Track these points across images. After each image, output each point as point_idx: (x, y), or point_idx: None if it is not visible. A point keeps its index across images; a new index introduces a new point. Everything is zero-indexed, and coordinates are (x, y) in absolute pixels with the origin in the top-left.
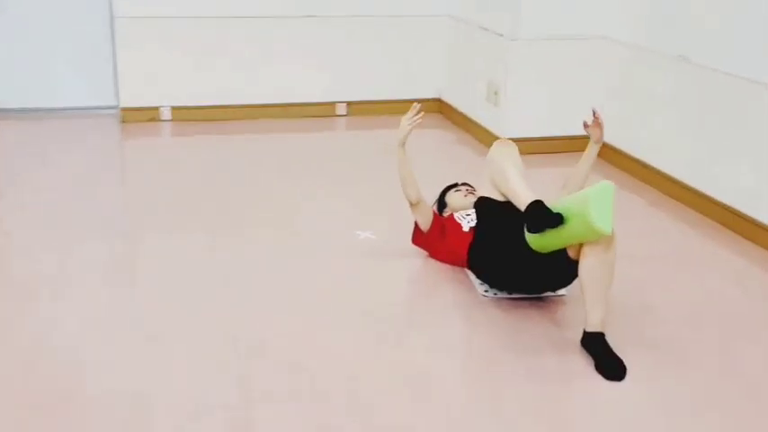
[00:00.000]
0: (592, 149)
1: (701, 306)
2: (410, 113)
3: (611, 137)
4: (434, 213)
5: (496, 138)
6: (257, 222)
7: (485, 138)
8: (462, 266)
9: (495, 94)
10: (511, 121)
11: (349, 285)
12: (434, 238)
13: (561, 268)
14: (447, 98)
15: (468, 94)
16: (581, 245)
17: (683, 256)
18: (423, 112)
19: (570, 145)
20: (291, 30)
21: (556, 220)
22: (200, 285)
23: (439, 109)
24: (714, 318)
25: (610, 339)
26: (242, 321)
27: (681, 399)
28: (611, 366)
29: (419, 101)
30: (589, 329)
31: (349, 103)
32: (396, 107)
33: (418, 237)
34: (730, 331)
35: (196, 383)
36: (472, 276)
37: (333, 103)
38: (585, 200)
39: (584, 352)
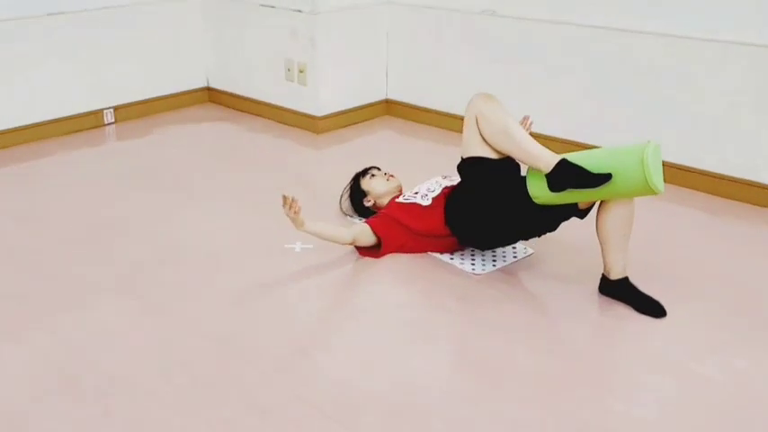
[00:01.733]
0: None
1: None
2: (285, 206)
3: (421, 99)
4: (370, 223)
5: (308, 117)
6: (161, 270)
7: (291, 119)
8: (427, 250)
9: (301, 72)
10: (323, 97)
11: (338, 301)
12: (392, 236)
13: (559, 215)
14: (220, 85)
15: (256, 76)
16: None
17: None
18: (295, 201)
19: (385, 109)
20: (32, 32)
21: (602, 179)
22: (155, 371)
23: (210, 98)
24: (658, 242)
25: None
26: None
27: (715, 311)
28: (653, 305)
29: (188, 92)
30: (615, 277)
31: (116, 108)
32: (167, 103)
33: (373, 252)
34: (683, 250)
35: None
36: (446, 258)
37: (97, 112)
38: (640, 160)
39: (609, 299)
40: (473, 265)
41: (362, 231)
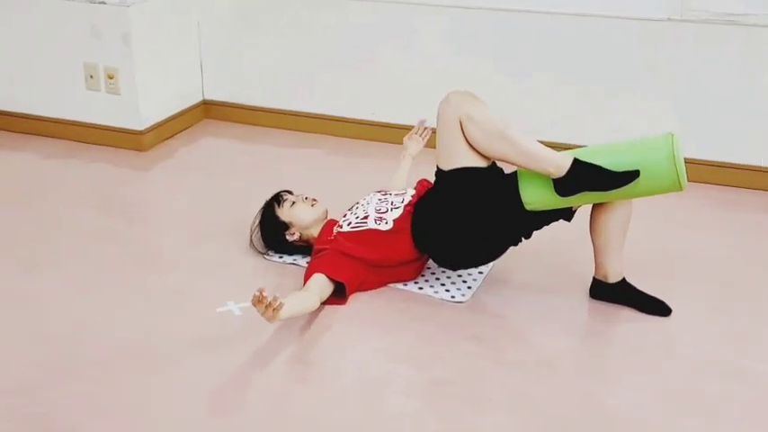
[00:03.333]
0: (406, 162)
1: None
2: (261, 306)
3: (245, 97)
4: (322, 270)
5: (128, 133)
6: (79, 386)
7: (104, 138)
8: (388, 282)
9: (111, 78)
10: (145, 106)
11: (336, 377)
12: (352, 277)
13: (546, 220)
14: None
15: (41, 87)
16: None
17: None
18: (275, 298)
19: (204, 112)
20: None
21: (627, 178)
22: None
23: None
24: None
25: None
26: None
27: (715, 299)
28: (657, 304)
29: None
30: (614, 279)
31: None
32: None
33: (335, 300)
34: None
35: None
36: (413, 288)
37: None
38: (669, 155)
39: (604, 302)
40: (448, 291)
41: (323, 285)
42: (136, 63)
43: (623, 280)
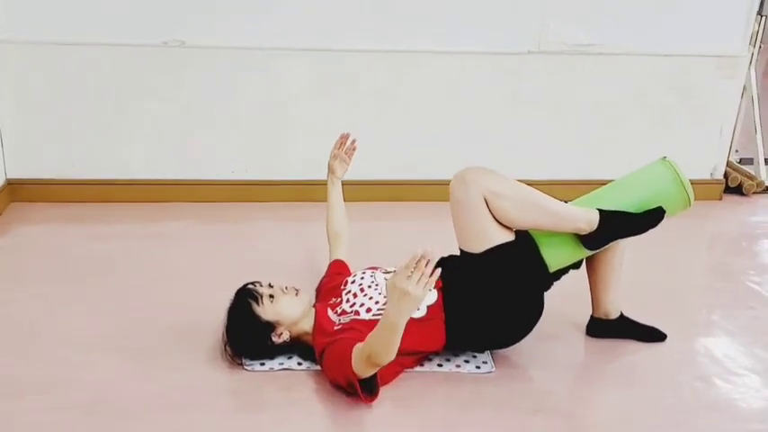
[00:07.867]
0: (337, 190)
1: None
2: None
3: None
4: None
5: None
6: None
7: None
8: (402, 369)
9: None
10: None
11: None
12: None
13: (561, 275)
14: None
15: None
16: None
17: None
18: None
19: (10, 195)
20: None
21: (655, 218)
22: None
23: None
24: None
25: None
26: None
27: (690, 311)
28: (653, 331)
29: None
30: (614, 316)
31: None
32: None
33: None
34: None
35: None
36: (432, 367)
37: None
38: (676, 179)
39: (601, 338)
40: (468, 362)
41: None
42: None
43: (621, 314)
